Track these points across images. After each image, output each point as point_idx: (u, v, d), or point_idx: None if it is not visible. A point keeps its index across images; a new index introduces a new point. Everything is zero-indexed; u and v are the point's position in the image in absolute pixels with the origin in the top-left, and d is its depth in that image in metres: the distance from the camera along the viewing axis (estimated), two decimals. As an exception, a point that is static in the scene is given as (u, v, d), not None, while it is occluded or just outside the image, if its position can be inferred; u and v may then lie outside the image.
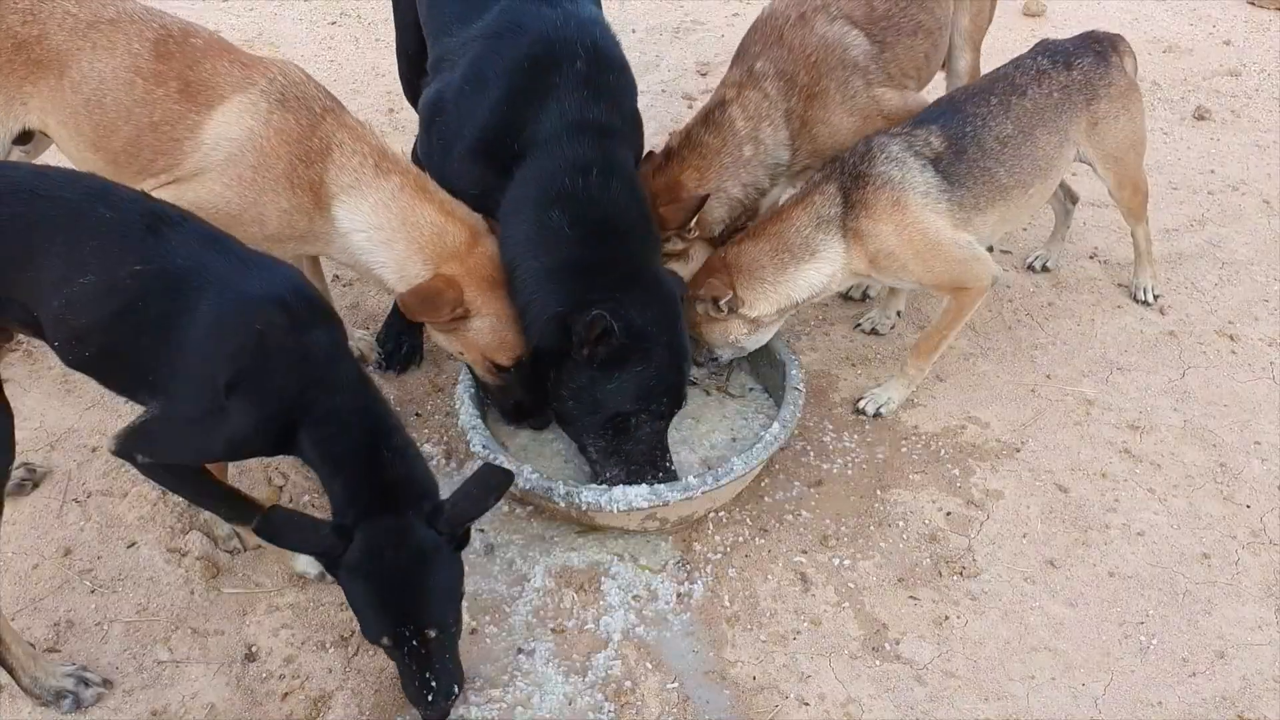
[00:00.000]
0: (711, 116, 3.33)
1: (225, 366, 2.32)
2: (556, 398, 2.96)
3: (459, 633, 2.47)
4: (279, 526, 2.36)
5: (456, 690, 2.43)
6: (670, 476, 2.94)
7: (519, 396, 3.07)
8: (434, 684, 2.39)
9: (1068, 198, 4.06)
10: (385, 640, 2.36)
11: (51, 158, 3.24)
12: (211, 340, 2.33)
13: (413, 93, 3.78)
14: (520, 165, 2.98)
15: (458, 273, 2.89)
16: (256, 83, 2.85)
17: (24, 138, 3.04)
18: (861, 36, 3.39)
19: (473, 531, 2.56)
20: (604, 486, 2.86)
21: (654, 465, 2.95)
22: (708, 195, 3.20)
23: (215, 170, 2.81)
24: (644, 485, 2.83)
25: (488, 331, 2.94)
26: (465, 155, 3.08)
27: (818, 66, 3.32)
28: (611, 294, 2.80)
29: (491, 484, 2.46)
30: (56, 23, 2.87)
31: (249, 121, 2.80)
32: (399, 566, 2.32)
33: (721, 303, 3.12)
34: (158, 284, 2.33)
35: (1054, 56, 3.48)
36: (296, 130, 2.82)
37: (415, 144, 3.59)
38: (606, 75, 3.05)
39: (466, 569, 2.49)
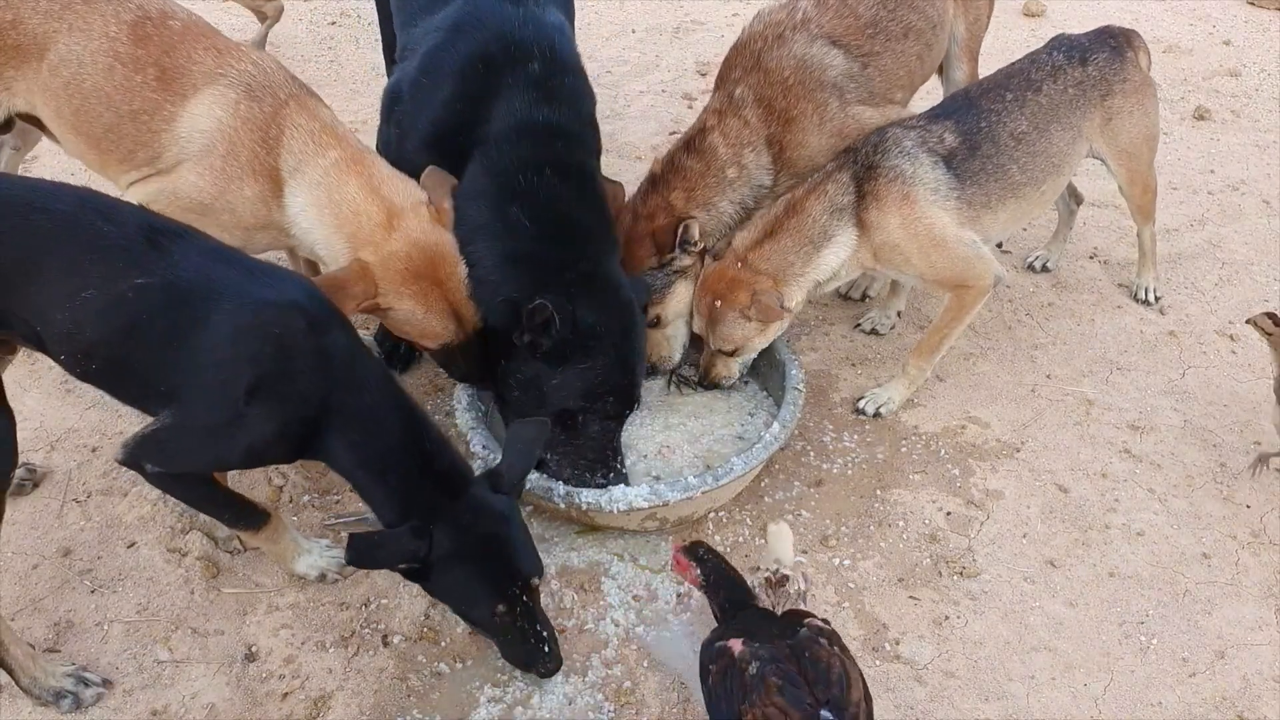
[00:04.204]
0: (694, 144, 3.34)
1: (245, 372, 2.30)
2: (505, 386, 2.94)
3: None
4: (366, 550, 2.35)
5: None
6: (620, 478, 2.93)
7: (465, 370, 3.00)
8: (545, 634, 2.49)
9: (1072, 198, 4.06)
10: (501, 607, 2.43)
11: (44, 163, 3.25)
12: (228, 347, 2.31)
13: None
14: (473, 160, 2.98)
15: (371, 261, 2.76)
16: (226, 73, 2.83)
17: (5, 126, 3.01)
18: (840, 55, 3.37)
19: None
20: (604, 487, 2.86)
21: (604, 465, 2.93)
22: (692, 217, 3.23)
23: (191, 161, 2.80)
24: (644, 485, 2.83)
25: (403, 323, 2.85)
26: (419, 147, 3.08)
27: (794, 90, 3.31)
28: (564, 289, 2.80)
29: (531, 436, 2.58)
30: (30, 6, 2.83)
31: (219, 112, 2.79)
32: (492, 535, 2.43)
33: (777, 307, 3.14)
34: (164, 297, 2.30)
35: (1070, 52, 3.48)
36: (260, 118, 2.81)
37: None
38: (562, 79, 3.04)
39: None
